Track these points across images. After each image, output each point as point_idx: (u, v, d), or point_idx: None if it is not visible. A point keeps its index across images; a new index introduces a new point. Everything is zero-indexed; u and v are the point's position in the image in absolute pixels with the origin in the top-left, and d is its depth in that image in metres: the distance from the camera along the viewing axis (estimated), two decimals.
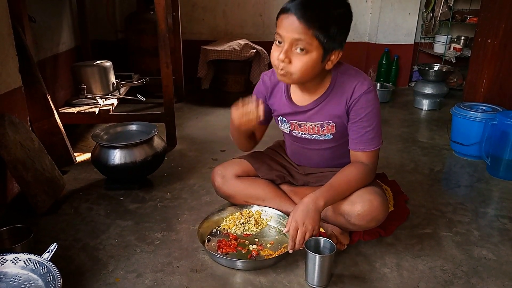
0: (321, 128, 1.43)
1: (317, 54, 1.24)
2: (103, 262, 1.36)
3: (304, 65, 1.25)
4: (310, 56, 1.24)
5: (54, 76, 2.55)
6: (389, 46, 4.03)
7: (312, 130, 1.46)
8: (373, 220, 1.33)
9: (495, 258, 1.43)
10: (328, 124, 1.42)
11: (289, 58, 1.25)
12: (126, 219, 1.63)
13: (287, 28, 1.22)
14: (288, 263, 1.37)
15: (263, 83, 1.53)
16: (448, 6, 3.85)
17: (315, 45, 1.22)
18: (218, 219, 1.58)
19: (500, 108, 2.29)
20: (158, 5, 2.12)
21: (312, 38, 1.21)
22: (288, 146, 1.66)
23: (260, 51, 3.63)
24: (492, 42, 2.60)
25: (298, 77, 1.28)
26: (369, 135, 1.36)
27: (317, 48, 1.23)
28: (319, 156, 1.54)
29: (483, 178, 2.09)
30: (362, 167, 1.38)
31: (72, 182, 1.94)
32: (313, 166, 1.59)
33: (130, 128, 2.01)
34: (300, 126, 1.47)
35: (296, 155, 1.63)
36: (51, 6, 2.58)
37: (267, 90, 1.52)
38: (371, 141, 1.37)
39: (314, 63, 1.25)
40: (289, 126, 1.51)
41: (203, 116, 3.08)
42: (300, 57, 1.24)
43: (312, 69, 1.27)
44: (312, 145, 1.51)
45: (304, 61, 1.24)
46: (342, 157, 1.50)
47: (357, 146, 1.39)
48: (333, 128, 1.42)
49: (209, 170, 2.06)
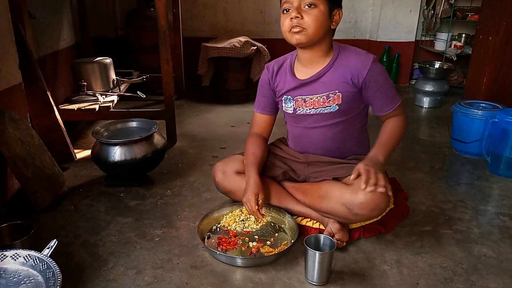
0: (327, 99, 1.48)
1: (324, 7, 1.38)
2: (103, 258, 1.36)
3: (315, 17, 1.37)
4: (319, 9, 1.37)
5: (54, 73, 2.55)
6: (390, 44, 4.02)
7: (317, 103, 1.49)
8: (375, 208, 1.33)
9: (495, 255, 1.43)
10: (334, 94, 1.47)
11: (301, 15, 1.37)
12: (126, 216, 1.64)
13: None
14: (288, 260, 1.37)
15: (267, 70, 1.62)
16: (449, 3, 3.84)
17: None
18: (218, 216, 1.58)
19: (500, 105, 2.28)
20: (159, 2, 2.11)
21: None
22: (290, 133, 1.67)
23: (261, 48, 3.63)
24: (493, 40, 2.59)
25: (312, 31, 1.38)
26: (391, 94, 1.48)
27: (323, 2, 1.38)
28: (322, 136, 1.55)
29: (483, 175, 2.09)
30: (396, 119, 1.49)
31: (72, 178, 1.94)
32: (315, 151, 1.59)
33: (130, 125, 2.01)
34: (305, 101, 1.51)
35: (299, 141, 1.63)
36: (51, 2, 2.57)
37: (272, 74, 1.59)
38: (394, 98, 1.48)
39: (323, 16, 1.39)
40: (293, 104, 1.54)
41: (203, 113, 3.08)
42: (310, 11, 1.37)
43: (322, 23, 1.39)
44: (315, 123, 1.53)
45: (315, 14, 1.37)
46: (343, 142, 1.54)
47: (387, 108, 1.48)
48: (339, 99, 1.47)
49: (209, 167, 2.06)
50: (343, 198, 1.36)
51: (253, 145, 1.59)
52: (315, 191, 1.48)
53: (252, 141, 1.62)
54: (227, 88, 3.77)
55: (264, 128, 1.67)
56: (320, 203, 1.44)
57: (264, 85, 1.63)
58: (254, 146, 1.58)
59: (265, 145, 1.64)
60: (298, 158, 1.64)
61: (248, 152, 1.57)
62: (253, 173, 1.49)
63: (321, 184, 1.50)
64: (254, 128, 1.68)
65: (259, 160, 1.54)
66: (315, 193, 1.47)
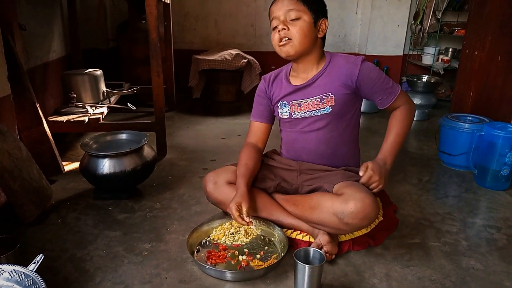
0: (321, 101, 1.53)
1: (309, 18, 1.47)
2: (90, 273, 1.34)
3: (300, 28, 1.46)
4: (303, 20, 1.46)
5: (44, 84, 2.53)
6: (379, 57, 4.09)
7: (312, 105, 1.55)
8: (365, 218, 1.34)
9: (483, 268, 1.44)
10: (328, 96, 1.53)
11: (287, 26, 1.46)
12: (114, 229, 1.62)
13: (279, 7, 1.48)
14: (278, 273, 1.36)
15: (264, 81, 1.70)
16: (436, 18, 3.93)
17: (304, 10, 1.46)
18: (208, 229, 1.57)
19: (487, 119, 2.33)
20: (150, 15, 2.13)
21: (300, 5, 1.46)
22: (285, 139, 1.69)
23: (251, 61, 3.66)
24: (479, 54, 2.65)
25: (298, 41, 1.47)
26: (389, 84, 1.52)
27: (306, 13, 1.47)
28: (315, 141, 1.58)
29: (470, 188, 2.11)
30: (400, 110, 1.55)
31: (60, 191, 1.91)
32: (308, 155, 1.61)
33: (120, 137, 2.00)
34: (300, 105, 1.57)
35: (293, 146, 1.65)
36: (42, 14, 2.57)
37: (268, 83, 1.67)
38: (393, 89, 1.53)
39: (308, 26, 1.47)
40: (288, 109, 1.60)
41: (194, 125, 3.08)
42: (296, 23, 1.46)
43: (308, 32, 1.47)
44: (310, 125, 1.57)
45: (300, 25, 1.46)
46: (335, 147, 1.58)
47: (388, 100, 1.53)
48: (332, 100, 1.52)
49: (199, 179, 2.06)
50: (334, 208, 1.37)
51: (247, 156, 1.61)
52: (306, 202, 1.49)
53: (246, 151, 1.63)
54: (218, 100, 3.79)
55: (260, 137, 1.69)
56: (311, 213, 1.45)
57: (260, 94, 1.69)
58: (247, 157, 1.60)
59: (258, 155, 1.65)
60: (291, 166, 1.65)
61: (240, 162, 1.59)
62: (241, 184, 1.50)
63: (312, 195, 1.51)
64: (250, 137, 1.70)
65: (250, 171, 1.56)
66: (306, 204, 1.48)
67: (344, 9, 4.06)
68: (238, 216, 1.41)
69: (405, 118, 1.54)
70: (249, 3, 4.02)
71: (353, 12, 4.07)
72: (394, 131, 1.53)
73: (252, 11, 4.04)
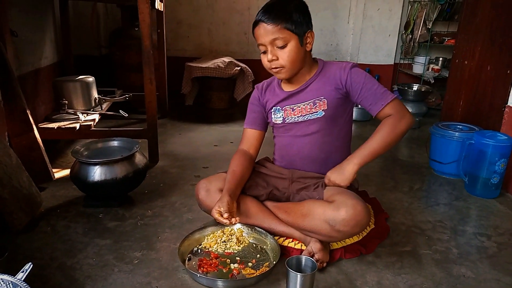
0: (313, 105, 1.54)
1: (295, 41, 1.45)
2: (79, 282, 1.33)
3: (289, 55, 1.45)
4: (290, 45, 1.45)
5: (35, 90, 2.52)
6: (370, 66, 4.13)
7: (305, 110, 1.56)
8: (357, 225, 1.34)
9: (473, 276, 1.44)
10: (320, 100, 1.54)
11: (276, 55, 1.46)
12: (105, 237, 1.60)
13: (262, 35, 1.45)
14: (270, 282, 1.36)
15: (257, 89, 1.71)
16: (426, 28, 3.99)
17: (289, 35, 1.44)
18: (200, 237, 1.56)
19: (477, 127, 2.35)
20: (143, 22, 2.13)
21: (284, 31, 1.43)
22: (278, 144, 1.69)
23: (244, 69, 3.67)
24: (469, 64, 2.68)
25: (289, 67, 1.48)
26: (380, 90, 1.50)
27: (292, 36, 1.44)
28: (309, 145, 1.59)
29: (461, 196, 2.13)
30: (388, 119, 1.49)
31: (50, 199, 1.89)
32: (302, 160, 1.62)
33: (111, 144, 1.99)
34: (293, 109, 1.58)
35: (286, 151, 1.65)
36: (34, 20, 2.56)
37: (261, 92, 1.68)
38: (384, 94, 1.49)
39: (296, 49, 1.46)
40: (282, 114, 1.61)
41: (186, 132, 3.07)
42: (283, 51, 1.45)
43: (297, 55, 1.47)
44: (303, 129, 1.58)
45: (287, 52, 1.45)
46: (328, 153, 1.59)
47: (377, 105, 1.49)
48: (324, 104, 1.53)
49: (191, 187, 2.05)
50: (326, 215, 1.37)
51: (235, 162, 1.61)
52: (298, 209, 1.49)
53: (236, 158, 1.63)
54: (210, 108, 3.79)
55: (252, 143, 1.69)
56: (302, 221, 1.45)
57: (254, 102, 1.70)
58: (236, 163, 1.60)
59: (248, 162, 1.64)
60: (283, 174, 1.65)
61: (229, 169, 1.59)
62: (225, 190, 1.50)
63: (303, 202, 1.51)
64: (242, 144, 1.70)
65: (237, 178, 1.56)
66: (298, 211, 1.48)
67: (336, 18, 4.11)
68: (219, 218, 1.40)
69: (391, 126, 1.46)
70: (242, 11, 4.05)
71: (345, 21, 4.11)
72: (374, 136, 1.49)
73: (246, 19, 4.06)
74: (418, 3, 3.97)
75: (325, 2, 3.97)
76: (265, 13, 1.44)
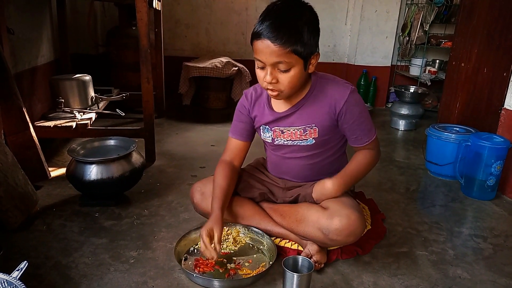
0: (304, 132, 1.46)
1: (299, 66, 1.30)
2: (75, 281, 1.32)
3: (290, 81, 1.31)
4: (294, 70, 1.29)
5: (32, 89, 2.50)
6: (367, 68, 4.14)
7: (294, 135, 1.48)
8: (351, 234, 1.34)
9: (469, 277, 1.45)
10: (311, 128, 1.45)
11: (276, 78, 1.30)
12: (101, 236, 1.59)
13: (265, 53, 1.26)
14: (266, 282, 1.35)
15: (246, 98, 1.57)
16: (423, 30, 4.00)
17: (295, 59, 1.27)
18: (196, 237, 1.55)
19: (473, 129, 2.36)
20: (141, 21, 2.12)
21: (291, 55, 1.25)
22: (269, 158, 1.66)
23: (242, 69, 3.67)
24: (466, 66, 2.69)
25: (288, 92, 1.35)
26: (368, 127, 1.47)
27: (298, 61, 1.28)
28: (299, 167, 1.55)
29: (457, 197, 2.14)
30: (369, 152, 1.49)
31: (45, 197, 1.88)
32: (293, 178, 1.60)
33: (108, 143, 1.98)
34: (283, 132, 1.50)
35: (277, 167, 1.63)
36: (31, 18, 2.55)
37: (250, 103, 1.55)
38: (369, 132, 1.47)
39: (299, 75, 1.32)
40: (271, 134, 1.53)
41: (183, 132, 3.06)
42: (286, 75, 1.30)
43: (299, 81, 1.34)
44: (293, 153, 1.53)
45: (290, 77, 1.30)
46: (320, 171, 1.54)
47: (362, 141, 1.47)
48: (315, 132, 1.46)
49: (188, 186, 2.05)
50: (319, 223, 1.36)
51: (220, 176, 1.52)
52: (293, 214, 1.48)
53: (220, 171, 1.54)
54: (208, 107, 3.79)
55: (237, 154, 1.60)
56: (297, 226, 1.44)
57: (242, 111, 1.58)
58: (221, 177, 1.51)
59: (233, 174, 1.57)
60: (277, 183, 1.64)
61: (215, 184, 1.51)
62: (216, 207, 1.44)
63: (298, 207, 1.49)
64: (226, 154, 1.61)
65: (225, 193, 1.49)
66: (292, 216, 1.47)
67: (334, 19, 4.11)
68: (207, 244, 1.33)
69: (366, 163, 1.48)
70: (240, 12, 4.05)
71: (342, 22, 4.12)
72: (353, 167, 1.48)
73: (243, 20, 4.06)
74: (415, 5, 3.98)
75: (323, 3, 3.98)
76: (273, 30, 1.22)
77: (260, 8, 4.00)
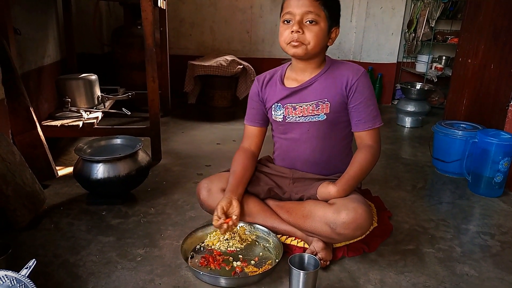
0: (316, 107, 1.51)
1: (325, 25, 1.43)
2: (83, 279, 1.33)
3: (316, 34, 1.41)
4: (320, 26, 1.42)
5: (38, 88, 2.52)
6: (373, 65, 4.12)
7: (307, 111, 1.52)
8: (358, 228, 1.34)
9: (477, 274, 1.44)
10: (323, 103, 1.50)
11: (302, 29, 1.41)
12: (108, 234, 1.60)
13: (297, 4, 1.40)
14: (273, 279, 1.36)
15: (257, 82, 1.65)
16: (430, 26, 3.97)
17: (322, 16, 1.41)
18: (202, 235, 1.56)
19: (480, 126, 2.35)
20: (146, 20, 2.13)
21: (320, 9, 1.40)
22: (278, 146, 1.68)
23: (247, 67, 3.67)
24: (472, 62, 2.68)
25: (312, 46, 1.43)
26: (374, 113, 1.50)
27: (324, 19, 1.42)
28: (309, 150, 1.57)
29: (464, 195, 2.13)
30: (369, 149, 1.50)
31: (53, 196, 1.90)
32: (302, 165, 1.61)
33: (114, 142, 1.99)
34: (295, 108, 1.54)
35: (286, 155, 1.64)
36: (37, 18, 2.57)
37: (261, 86, 1.63)
38: (375, 118, 1.51)
39: (323, 33, 1.43)
40: (283, 111, 1.56)
41: (189, 130, 3.07)
42: (312, 27, 1.41)
43: (322, 39, 1.44)
44: (303, 134, 1.55)
45: (316, 31, 1.41)
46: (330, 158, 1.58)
47: (365, 125, 1.50)
48: (327, 108, 1.50)
49: (194, 185, 2.05)
50: (326, 217, 1.37)
51: (236, 161, 1.61)
52: (299, 210, 1.48)
53: (237, 157, 1.63)
54: (213, 106, 3.79)
55: (253, 140, 1.68)
56: (304, 222, 1.44)
57: (254, 97, 1.65)
58: (237, 162, 1.60)
59: (250, 160, 1.63)
60: (284, 173, 1.64)
61: (231, 169, 1.59)
62: (226, 191, 1.52)
63: (305, 203, 1.50)
64: (244, 141, 1.69)
65: (239, 178, 1.55)
66: (299, 212, 1.47)
67: None
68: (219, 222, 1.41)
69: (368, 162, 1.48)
70: (245, 10, 4.04)
71: (347, 20, 4.10)
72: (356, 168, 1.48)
73: (248, 18, 4.06)
74: (421, 1, 3.95)
75: None
76: None
77: (265, 6, 3.99)
